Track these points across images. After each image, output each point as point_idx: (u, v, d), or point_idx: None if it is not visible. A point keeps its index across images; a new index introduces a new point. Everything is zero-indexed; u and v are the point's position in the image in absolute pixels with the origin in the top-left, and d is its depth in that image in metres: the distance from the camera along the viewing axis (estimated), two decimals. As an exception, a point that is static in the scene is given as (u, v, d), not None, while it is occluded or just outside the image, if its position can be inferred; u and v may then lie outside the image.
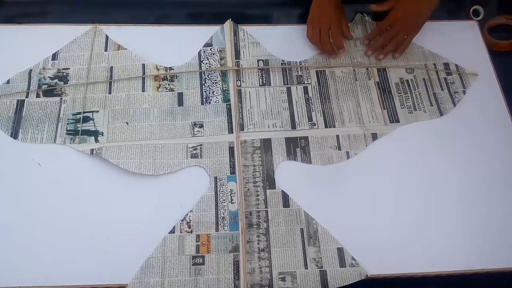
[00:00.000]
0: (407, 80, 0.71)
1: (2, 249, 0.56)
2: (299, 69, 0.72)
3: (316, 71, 0.72)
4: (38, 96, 0.68)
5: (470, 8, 0.79)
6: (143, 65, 0.71)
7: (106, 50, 0.72)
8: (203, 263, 0.56)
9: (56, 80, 0.69)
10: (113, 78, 0.69)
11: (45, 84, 0.69)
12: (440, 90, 0.71)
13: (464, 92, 0.71)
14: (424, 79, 0.72)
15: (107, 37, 0.73)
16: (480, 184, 0.63)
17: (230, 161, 0.63)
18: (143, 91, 0.69)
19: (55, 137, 0.64)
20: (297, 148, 0.65)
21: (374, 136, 0.66)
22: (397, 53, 0.73)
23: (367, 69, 0.72)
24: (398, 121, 0.68)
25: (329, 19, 0.70)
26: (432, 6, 0.68)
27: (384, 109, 0.69)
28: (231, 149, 0.64)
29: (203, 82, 0.70)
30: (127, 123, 0.65)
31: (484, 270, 0.57)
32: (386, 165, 0.64)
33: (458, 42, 0.76)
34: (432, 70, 0.73)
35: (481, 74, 0.72)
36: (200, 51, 0.73)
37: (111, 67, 0.70)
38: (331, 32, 0.71)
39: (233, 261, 0.56)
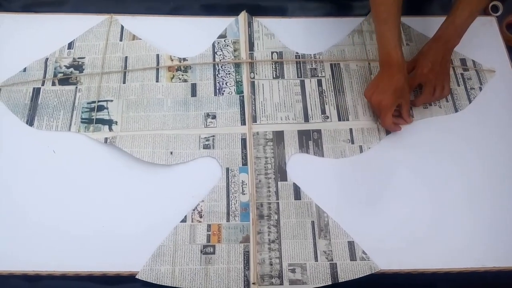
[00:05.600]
0: (422, 75, 0.71)
1: (15, 234, 0.57)
2: (313, 62, 0.72)
3: (331, 64, 0.71)
4: (53, 84, 0.68)
5: (489, 4, 0.77)
6: (157, 56, 0.71)
7: (121, 40, 0.72)
8: (213, 253, 0.56)
9: (71, 69, 0.70)
10: (127, 68, 0.70)
11: (60, 72, 0.69)
12: (456, 86, 0.70)
13: (480, 88, 0.70)
14: (440, 74, 0.71)
15: (122, 27, 0.74)
16: (494, 182, 0.62)
17: (242, 152, 0.63)
18: (157, 81, 0.69)
19: (70, 125, 0.65)
20: (310, 140, 0.64)
21: (388, 131, 0.65)
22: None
23: (382, 63, 0.71)
24: (413, 116, 0.67)
25: (392, 104, 0.62)
26: (455, 43, 0.66)
27: (399, 103, 0.68)
28: (244, 141, 0.64)
29: (217, 73, 0.70)
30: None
31: (496, 268, 0.57)
32: (399, 160, 0.63)
33: (476, 37, 0.74)
34: (448, 66, 0.72)
35: (498, 71, 0.71)
36: (214, 42, 0.73)
37: (126, 57, 0.71)
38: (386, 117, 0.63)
39: (244, 251, 0.56)
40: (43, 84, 0.68)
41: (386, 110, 0.62)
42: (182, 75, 0.70)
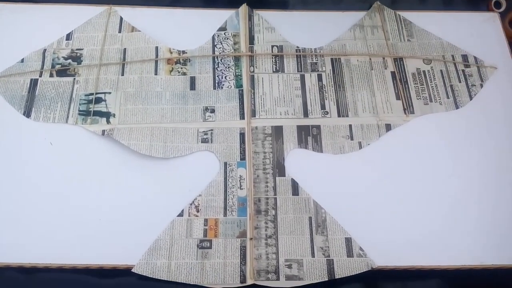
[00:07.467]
0: (424, 71, 0.70)
1: (11, 226, 0.57)
2: (313, 56, 0.71)
3: (331, 59, 0.71)
4: (51, 75, 0.68)
5: (491, 0, 0.77)
6: (157, 48, 0.70)
7: (120, 31, 0.72)
8: (210, 247, 0.56)
9: (69, 60, 0.69)
10: (126, 60, 0.69)
11: (58, 64, 0.69)
12: (458, 83, 0.69)
13: (481, 85, 0.69)
14: (441, 70, 0.70)
15: (121, 18, 0.73)
16: (494, 179, 0.62)
17: (240, 147, 0.63)
18: (155, 74, 0.68)
19: (67, 117, 0.64)
20: (309, 136, 0.64)
21: (388, 127, 0.65)
22: None
23: (383, 58, 0.71)
24: (413, 112, 0.66)
25: None
26: None
27: (399, 99, 0.67)
28: (242, 135, 0.64)
29: (216, 67, 0.69)
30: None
31: (494, 265, 0.56)
32: (399, 157, 0.63)
33: (478, 34, 0.74)
34: (450, 62, 0.71)
35: (500, 68, 0.71)
36: (214, 35, 0.72)
37: (125, 49, 0.70)
38: None
39: (240, 246, 0.56)
40: (40, 75, 0.68)
41: None
42: (181, 68, 0.69)
